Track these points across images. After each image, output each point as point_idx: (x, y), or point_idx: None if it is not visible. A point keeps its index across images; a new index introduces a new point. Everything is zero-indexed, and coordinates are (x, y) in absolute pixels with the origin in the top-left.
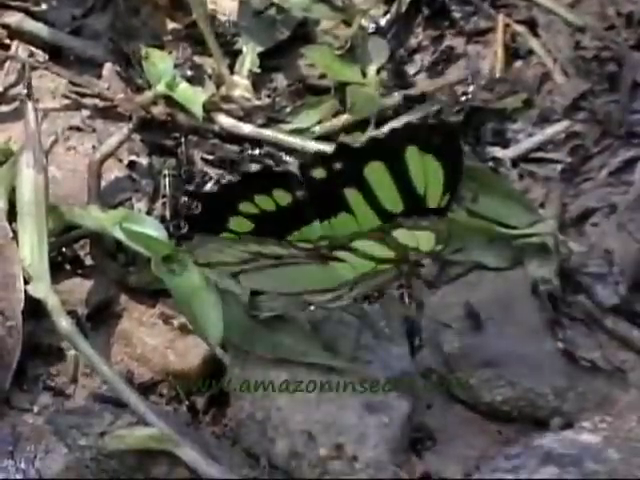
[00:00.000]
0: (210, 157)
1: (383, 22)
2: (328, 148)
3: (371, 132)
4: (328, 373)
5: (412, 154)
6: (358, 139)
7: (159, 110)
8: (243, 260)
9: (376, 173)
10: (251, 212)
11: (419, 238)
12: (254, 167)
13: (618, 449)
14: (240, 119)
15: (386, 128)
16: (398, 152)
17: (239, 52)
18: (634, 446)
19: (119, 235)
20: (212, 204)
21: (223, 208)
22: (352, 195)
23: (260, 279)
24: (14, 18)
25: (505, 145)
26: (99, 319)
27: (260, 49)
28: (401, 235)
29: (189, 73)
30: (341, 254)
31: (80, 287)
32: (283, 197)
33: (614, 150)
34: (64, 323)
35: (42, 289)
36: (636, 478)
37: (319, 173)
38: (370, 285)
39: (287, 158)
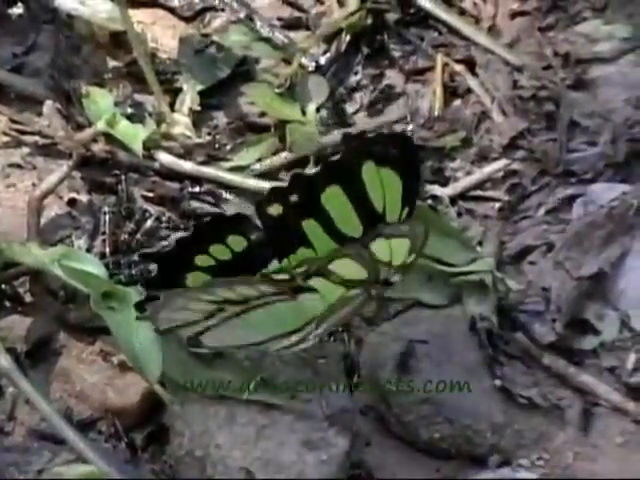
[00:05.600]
0: (150, 194)
1: (323, 61)
2: (267, 185)
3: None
4: (267, 410)
5: (369, 170)
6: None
7: (99, 147)
8: (209, 313)
9: (333, 199)
10: (207, 265)
11: (394, 249)
12: (206, 217)
13: None
14: (180, 157)
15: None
16: (355, 171)
17: (179, 90)
18: None
19: (58, 272)
20: (167, 264)
21: (179, 266)
22: (310, 227)
23: (224, 334)
24: None
25: (444, 183)
26: (38, 356)
27: (200, 87)
28: (378, 247)
29: (129, 111)
30: (314, 281)
31: (19, 324)
32: (238, 243)
33: (552, 188)
34: (3, 360)
35: None
36: None
37: (275, 209)
38: (335, 320)
39: (227, 195)
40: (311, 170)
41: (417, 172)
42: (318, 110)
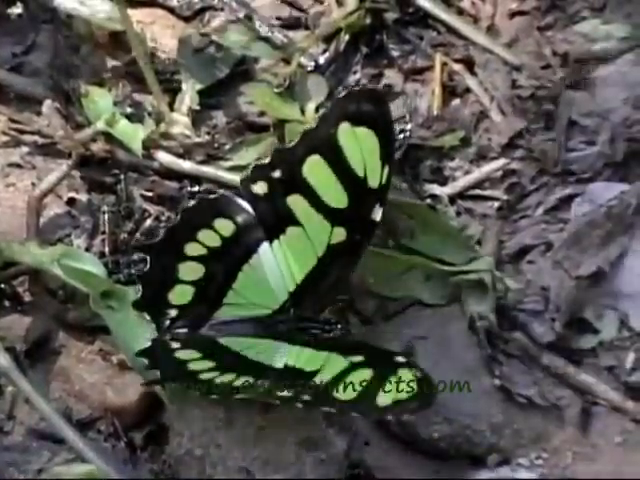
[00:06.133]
0: (149, 194)
1: (322, 60)
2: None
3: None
4: (266, 410)
5: (345, 132)
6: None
7: (99, 147)
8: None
9: (315, 170)
10: (199, 254)
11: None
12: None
13: None
14: (180, 156)
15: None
16: (332, 135)
17: (179, 89)
18: None
19: (58, 271)
20: (159, 254)
21: (170, 256)
22: (296, 203)
23: None
24: None
25: (443, 182)
26: (37, 355)
27: (200, 87)
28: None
29: (129, 110)
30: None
31: (19, 323)
32: (225, 227)
33: (550, 188)
34: (2, 359)
35: None
36: None
37: (260, 188)
38: None
39: None
40: (289, 143)
41: (390, 127)
42: (317, 109)
